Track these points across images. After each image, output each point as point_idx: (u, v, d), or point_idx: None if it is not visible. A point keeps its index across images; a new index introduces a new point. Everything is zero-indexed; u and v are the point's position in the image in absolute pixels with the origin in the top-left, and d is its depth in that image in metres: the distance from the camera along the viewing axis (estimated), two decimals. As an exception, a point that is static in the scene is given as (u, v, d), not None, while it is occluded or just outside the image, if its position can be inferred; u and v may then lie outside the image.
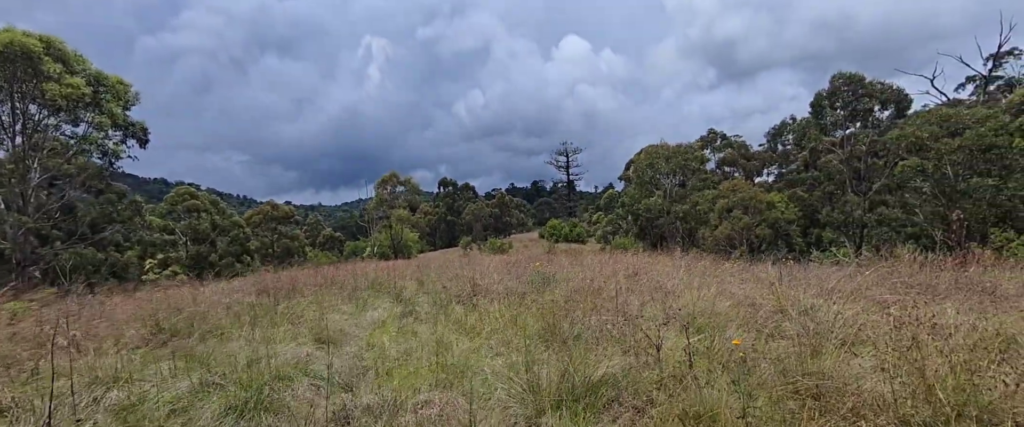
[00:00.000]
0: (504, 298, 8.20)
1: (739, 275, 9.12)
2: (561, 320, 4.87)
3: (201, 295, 7.66)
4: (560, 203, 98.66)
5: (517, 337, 4.93)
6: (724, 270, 9.49)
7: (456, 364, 4.07)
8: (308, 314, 7.10)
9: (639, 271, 8.34)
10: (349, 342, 5.34)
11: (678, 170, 30.15)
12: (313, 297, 8.74)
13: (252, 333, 5.27)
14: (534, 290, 8.93)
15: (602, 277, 8.77)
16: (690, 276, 8.67)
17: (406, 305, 8.49)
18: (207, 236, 39.88)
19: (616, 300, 5.34)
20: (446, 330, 6.20)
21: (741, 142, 42.35)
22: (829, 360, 3.26)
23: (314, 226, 79.27)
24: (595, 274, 9.36)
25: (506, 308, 6.85)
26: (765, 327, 4.57)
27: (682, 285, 7.38)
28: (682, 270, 8.89)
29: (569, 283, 9.19)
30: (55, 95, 13.78)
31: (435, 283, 10.65)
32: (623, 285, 7.57)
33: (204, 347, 4.69)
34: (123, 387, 3.51)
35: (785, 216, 35.82)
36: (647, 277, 8.48)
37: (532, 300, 7.44)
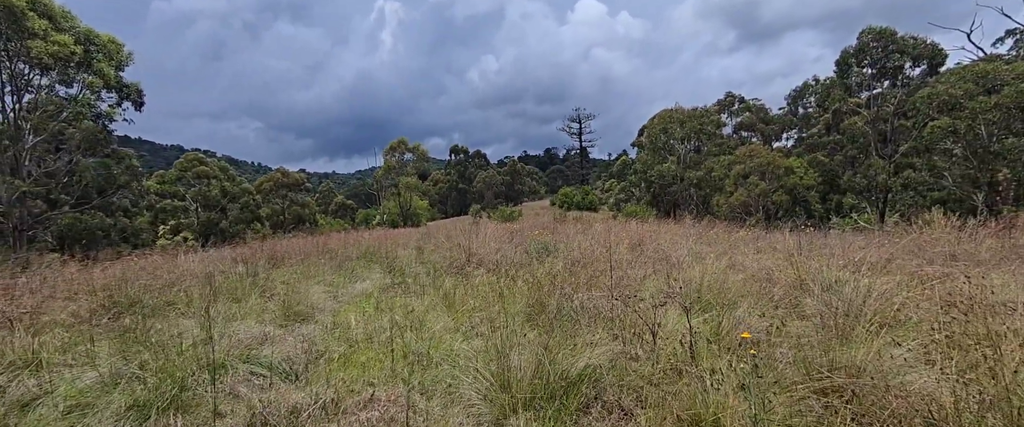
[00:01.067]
0: (498, 269, 7.69)
1: (754, 244, 8.47)
2: (549, 296, 4.32)
3: (182, 263, 7.26)
4: (573, 171, 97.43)
5: (501, 314, 4.41)
6: (737, 238, 8.83)
7: (425, 348, 3.56)
8: (288, 286, 6.67)
9: (644, 240, 7.73)
10: (320, 318, 4.87)
11: (693, 135, 29.00)
12: (300, 267, 8.32)
13: (214, 308, 4.81)
14: (532, 260, 8.40)
15: (605, 247, 8.19)
16: (700, 245, 8.04)
17: (396, 276, 8.03)
18: (218, 203, 39.96)
19: (612, 273, 4.76)
20: (430, 304, 5.72)
21: (760, 105, 40.68)
22: (861, 349, 2.66)
23: (326, 194, 79.45)
24: (599, 244, 8.78)
25: (497, 280, 6.34)
26: (782, 305, 3.97)
27: (690, 256, 6.77)
28: (691, 239, 8.26)
29: (570, 253, 8.64)
30: (41, 53, 13.25)
31: (433, 252, 10.19)
32: (625, 256, 6.98)
33: (154, 324, 4.24)
34: (39, 374, 3.07)
35: (804, 181, 34.62)
36: (653, 246, 7.88)
37: (526, 272, 6.91)
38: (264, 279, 6.86)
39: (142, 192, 23.98)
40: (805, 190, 35.03)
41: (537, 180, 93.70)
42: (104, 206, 28.24)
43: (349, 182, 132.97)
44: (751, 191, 35.54)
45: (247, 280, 6.45)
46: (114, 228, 27.81)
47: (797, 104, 39.69)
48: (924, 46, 21.04)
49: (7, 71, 14.14)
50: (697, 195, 36.97)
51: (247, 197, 41.43)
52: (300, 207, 47.71)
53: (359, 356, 3.42)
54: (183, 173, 39.14)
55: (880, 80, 22.37)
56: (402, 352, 3.44)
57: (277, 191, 47.39)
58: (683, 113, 28.92)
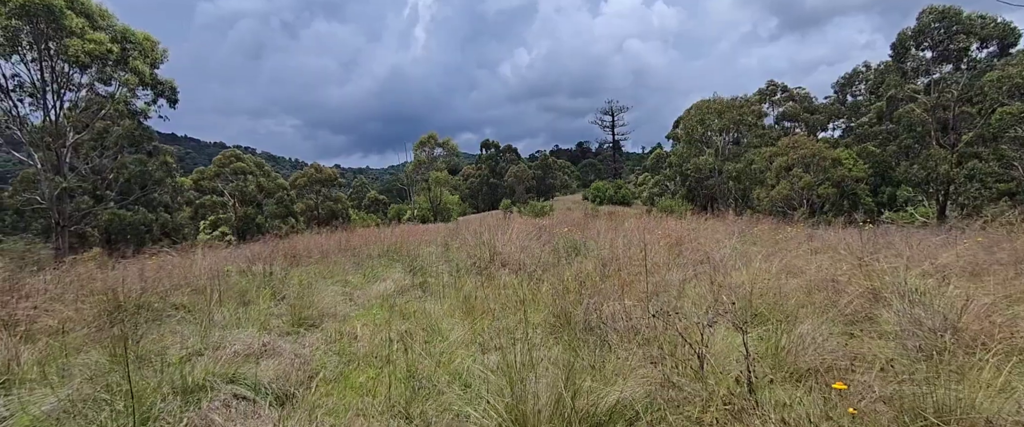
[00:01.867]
0: (523, 269, 7.21)
1: (805, 242, 7.70)
2: (575, 305, 3.82)
3: (200, 262, 7.09)
4: (605, 164, 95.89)
5: (523, 324, 3.94)
6: (786, 236, 8.07)
7: (433, 366, 3.12)
8: (303, 286, 6.38)
9: (683, 238, 7.09)
10: (328, 326, 4.52)
11: (732, 126, 27.69)
12: (320, 266, 8.06)
13: (220, 312, 4.53)
14: (560, 260, 7.89)
15: (639, 245, 7.59)
16: (744, 244, 7.35)
17: (417, 275, 7.67)
18: (254, 198, 40.94)
19: (648, 279, 4.21)
20: (449, 309, 5.30)
21: (804, 94, 38.66)
22: (980, 391, 2.06)
23: (360, 189, 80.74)
24: (632, 242, 8.18)
25: (521, 283, 5.87)
26: (854, 319, 3.35)
27: (734, 256, 6.12)
28: (734, 236, 7.56)
29: (601, 253, 8.08)
30: (77, 51, 13.57)
31: (459, 250, 9.81)
32: (662, 256, 6.38)
33: (151, 331, 3.97)
34: (9, 394, 2.79)
35: (853, 173, 32.69)
36: (692, 245, 7.24)
37: (553, 273, 6.41)
38: (281, 279, 6.60)
39: (176, 188, 24.54)
40: (854, 183, 33.06)
41: (569, 174, 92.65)
42: (146, 202, 29.25)
43: (382, 177, 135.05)
44: (794, 184, 33.81)
45: (263, 280, 6.19)
46: (155, 223, 28.77)
47: (845, 92, 37.51)
48: (994, 25, 19.26)
49: (49, 70, 14.55)
50: (735, 189, 35.45)
51: (282, 192, 42.31)
52: (333, 202, 48.45)
53: (357, 376, 3.02)
54: (221, 169, 40.23)
55: (941, 64, 20.65)
56: (406, 372, 3.01)
57: (311, 186, 48.26)
58: (721, 103, 27.64)
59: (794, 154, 35.17)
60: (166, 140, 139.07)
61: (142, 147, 30.08)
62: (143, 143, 30.35)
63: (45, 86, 14.59)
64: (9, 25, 12.81)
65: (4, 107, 14.33)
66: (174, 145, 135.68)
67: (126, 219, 22.04)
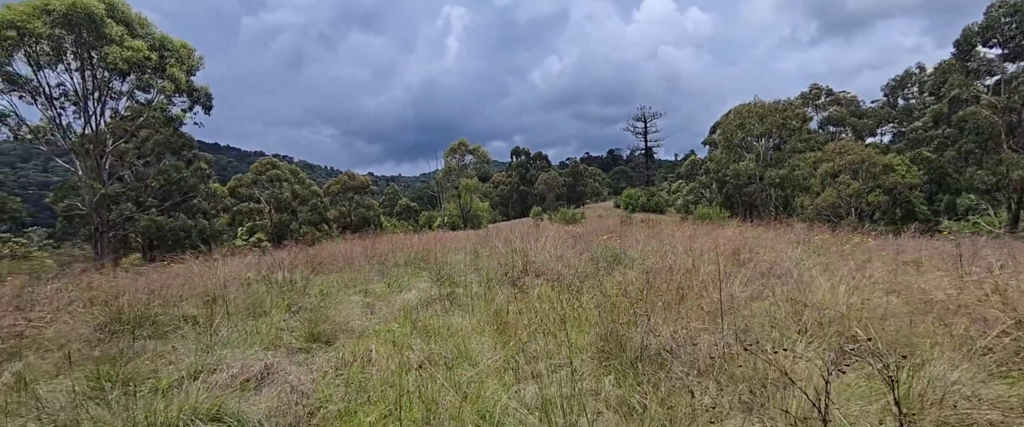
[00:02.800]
0: (559, 280, 6.60)
1: (880, 252, 6.82)
2: (628, 326, 3.19)
3: (221, 270, 6.76)
4: (637, 172, 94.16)
5: (564, 347, 3.34)
6: (855, 246, 7.18)
7: (457, 404, 2.55)
8: (323, 297, 5.95)
9: (740, 247, 6.34)
10: (344, 343, 4.02)
11: (774, 131, 26.34)
12: (344, 274, 7.65)
13: (226, 326, 4.09)
14: (599, 270, 7.24)
15: (689, 254, 6.87)
16: (808, 254, 6.52)
17: (445, 286, 7.15)
18: (289, 205, 41.62)
19: (708, 294, 3.55)
20: (478, 324, 4.74)
21: (851, 98, 36.76)
22: None
23: (392, 196, 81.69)
24: (678, 250, 7.46)
25: (559, 296, 5.26)
26: (1005, 357, 2.60)
27: (804, 268, 5.35)
28: (797, 246, 6.75)
29: (644, 262, 7.39)
30: (116, 58, 13.81)
31: (489, 258, 9.27)
32: (714, 266, 5.66)
33: (149, 348, 3.54)
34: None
35: (906, 180, 30.71)
36: (749, 255, 6.47)
37: (593, 284, 5.78)
38: (301, 287, 6.18)
39: (210, 193, 24.95)
40: (908, 190, 31.04)
41: (600, 182, 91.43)
42: (186, 209, 29.98)
43: (414, 185, 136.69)
44: (842, 191, 32.00)
45: (282, 289, 5.77)
46: (194, 229, 29.42)
47: (896, 95, 35.45)
48: (1071, 17, 17.60)
49: (91, 78, 14.89)
50: (776, 196, 33.79)
51: (315, 199, 42.89)
52: (365, 209, 48.88)
53: (366, 414, 2.47)
54: (258, 176, 41.09)
55: (1012, 61, 19.00)
56: (425, 407, 2.44)
57: (344, 193, 48.86)
58: (763, 107, 26.35)
59: (841, 160, 33.33)
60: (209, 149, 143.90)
61: (182, 154, 30.97)
62: (183, 150, 31.27)
63: (87, 94, 14.94)
64: (53, 34, 13.15)
65: (49, 115, 14.74)
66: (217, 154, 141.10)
67: (165, 225, 22.46)
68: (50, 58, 13.96)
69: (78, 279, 5.68)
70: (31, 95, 14.23)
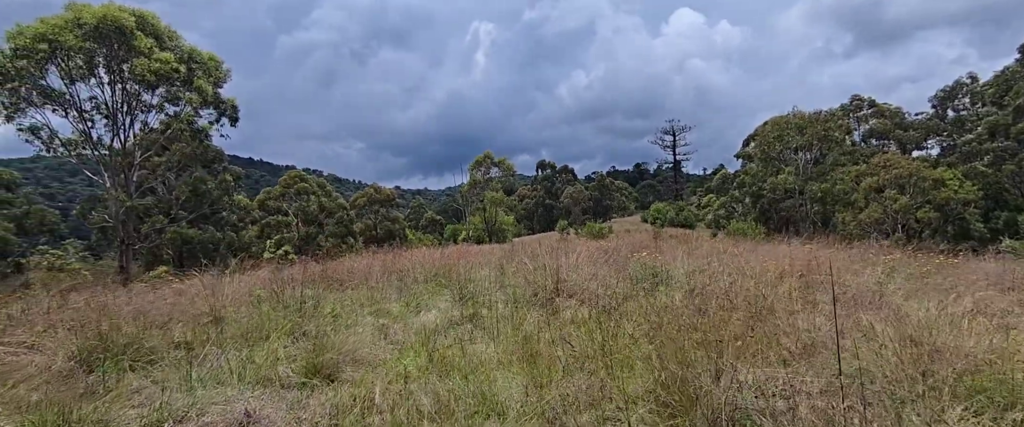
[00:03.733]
0: (595, 301, 5.91)
1: (963, 274, 5.90)
2: (695, 368, 2.50)
3: (227, 287, 6.31)
4: (665, 186, 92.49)
5: (610, 391, 2.68)
6: (939, 267, 6.27)
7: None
8: (335, 318, 5.41)
9: (807, 267, 5.54)
10: (349, 377, 3.44)
11: (815, 143, 25.05)
12: (361, 291, 7.13)
13: (214, 356, 3.56)
14: (638, 290, 6.51)
15: (743, 274, 6.09)
16: (890, 277, 5.66)
17: (467, 305, 6.54)
18: (315, 218, 41.90)
19: (783, 325, 2.83)
20: (504, 354, 4.10)
21: (895, 109, 35.02)
22: None
23: (417, 209, 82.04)
24: (729, 269, 6.68)
25: (598, 321, 4.58)
26: None
27: (888, 292, 4.53)
28: (873, 267, 5.89)
29: (690, 282, 6.63)
30: (143, 70, 13.86)
31: (515, 274, 8.63)
32: (780, 289, 4.88)
33: (121, 383, 3.03)
34: None
35: (960, 196, 28.83)
36: (812, 276, 5.65)
37: (633, 306, 5.09)
38: (311, 308, 5.65)
39: (234, 206, 25.07)
40: (961, 206, 29.10)
41: (626, 196, 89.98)
42: (215, 221, 30.35)
43: (440, 198, 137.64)
44: (888, 207, 30.23)
45: (289, 309, 5.26)
46: (223, 242, 29.71)
47: (945, 106, 33.60)
48: None
49: (122, 91, 15.03)
50: (812, 211, 32.12)
51: (342, 212, 43.10)
52: (391, 222, 48.93)
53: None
54: (286, 189, 41.56)
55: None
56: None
57: (370, 206, 49.05)
58: (803, 118, 25.12)
59: (886, 174, 31.56)
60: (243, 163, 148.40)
61: (213, 167, 31.47)
62: (214, 163, 31.80)
63: (118, 107, 15.10)
64: (84, 48, 13.30)
65: (80, 128, 14.91)
66: (250, 168, 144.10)
67: (194, 238, 22.62)
68: (83, 72, 14.16)
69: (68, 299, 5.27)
70: (63, 109, 14.43)
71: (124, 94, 14.96)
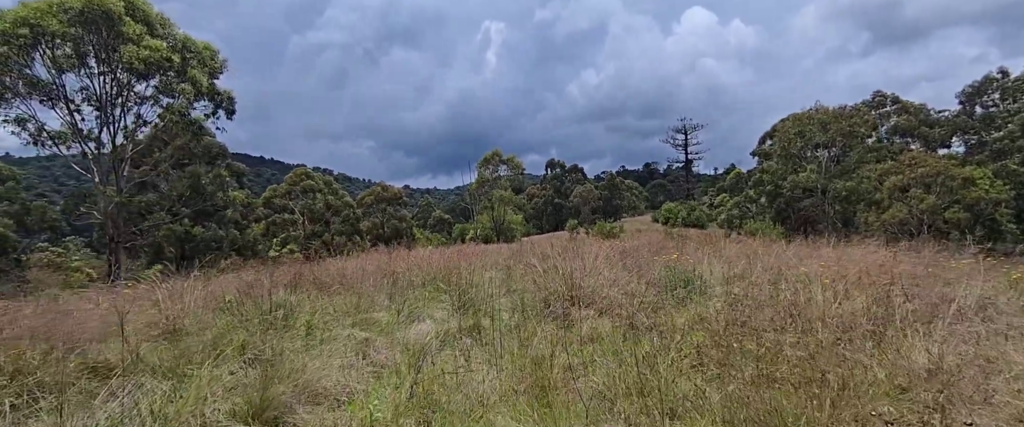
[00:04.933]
0: (619, 311, 5.03)
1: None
2: None
3: (191, 294, 5.50)
4: (676, 185, 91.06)
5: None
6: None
7: None
8: (310, 331, 4.59)
9: (865, 272, 4.60)
10: (300, 421, 2.59)
11: (838, 139, 23.87)
12: (347, 297, 6.30)
13: (130, 390, 2.73)
14: (665, 298, 5.61)
15: (778, 278, 5.17)
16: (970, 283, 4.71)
17: (467, 314, 5.68)
18: (322, 216, 41.31)
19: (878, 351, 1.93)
20: (509, 382, 3.24)
21: (919, 106, 33.62)
22: None
23: (426, 209, 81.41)
24: (760, 272, 5.75)
25: (625, 338, 3.71)
26: None
27: (999, 310, 3.60)
28: (977, 276, 4.94)
29: (726, 290, 5.72)
30: (132, 58, 13.11)
31: (523, 277, 7.77)
32: (869, 306, 3.96)
33: None
34: None
35: (991, 195, 27.48)
36: (879, 284, 4.73)
37: (664, 319, 4.20)
38: (284, 318, 4.83)
39: (230, 201, 24.41)
40: (992, 206, 27.74)
41: (636, 195, 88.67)
42: (218, 219, 29.78)
43: (448, 198, 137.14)
44: (914, 206, 28.92)
45: (252, 321, 4.44)
46: (225, 239, 29.13)
47: (974, 103, 32.19)
48: None
49: (114, 81, 14.33)
50: (832, 210, 30.81)
51: (348, 210, 42.49)
52: (398, 221, 48.22)
53: None
54: (292, 187, 41.04)
55: None
56: None
57: (377, 205, 48.36)
58: (826, 113, 23.94)
59: (911, 172, 30.25)
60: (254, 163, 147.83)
61: (217, 164, 30.93)
62: (217, 160, 31.26)
63: (110, 99, 14.40)
64: (69, 33, 12.59)
65: (68, 120, 14.22)
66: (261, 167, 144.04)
67: (197, 235, 21.99)
68: (72, 61, 13.49)
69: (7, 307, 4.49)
70: (50, 100, 13.76)
71: (116, 84, 14.26)
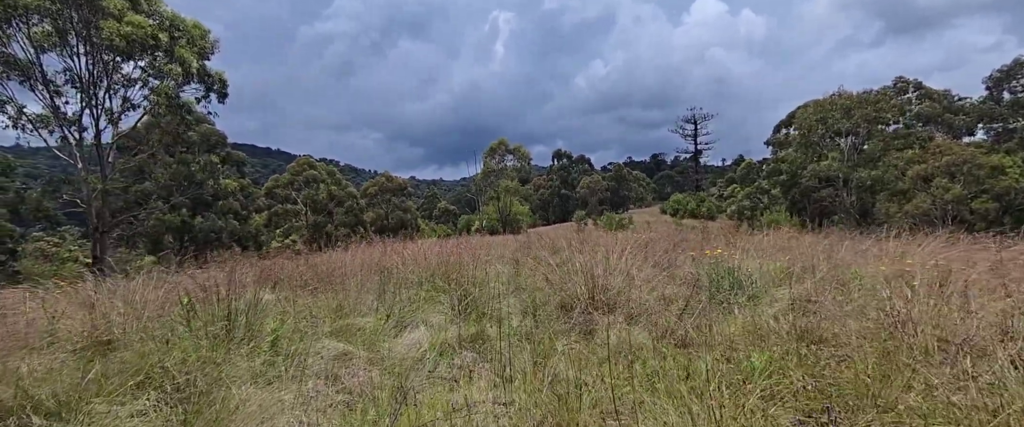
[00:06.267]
0: (652, 317, 4.14)
1: None
2: None
3: (143, 291, 4.64)
4: (684, 176, 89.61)
5: None
6: None
7: None
8: (278, 344, 3.72)
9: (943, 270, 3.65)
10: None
11: (862, 125, 22.65)
12: (331, 297, 5.43)
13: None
14: (708, 300, 4.68)
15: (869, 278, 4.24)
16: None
17: (469, 319, 4.79)
18: (325, 206, 40.52)
19: None
20: (521, 416, 2.35)
21: (943, 92, 32.20)
22: None
23: (431, 199, 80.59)
24: (834, 273, 4.82)
25: (674, 360, 2.81)
26: None
27: None
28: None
29: (777, 290, 4.79)
30: (112, 34, 12.15)
31: (533, 272, 6.86)
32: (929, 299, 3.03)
33: None
34: None
35: (1022, 184, 26.23)
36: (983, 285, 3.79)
37: (718, 337, 3.30)
38: (247, 324, 3.95)
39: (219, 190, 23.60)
40: (1022, 195, 26.47)
41: (644, 186, 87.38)
42: (217, 209, 29.06)
43: (454, 188, 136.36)
44: (938, 196, 27.70)
45: (200, 334, 3.57)
46: (225, 230, 28.43)
47: (1001, 88, 30.76)
48: None
49: (99, 61, 13.43)
50: (848, 200, 29.60)
51: (351, 201, 41.69)
52: (402, 212, 47.38)
53: None
54: (294, 177, 40.25)
55: None
56: None
57: (381, 195, 47.50)
58: (850, 99, 22.70)
59: (935, 161, 29.00)
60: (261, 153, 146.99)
61: (215, 152, 30.16)
62: (216, 148, 30.49)
63: (96, 80, 13.52)
64: (43, 7, 11.63)
65: (48, 103, 13.35)
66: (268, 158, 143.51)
67: (195, 225, 21.22)
68: (52, 39, 12.59)
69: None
70: (29, 80, 12.89)
71: (102, 65, 13.37)
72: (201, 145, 28.20)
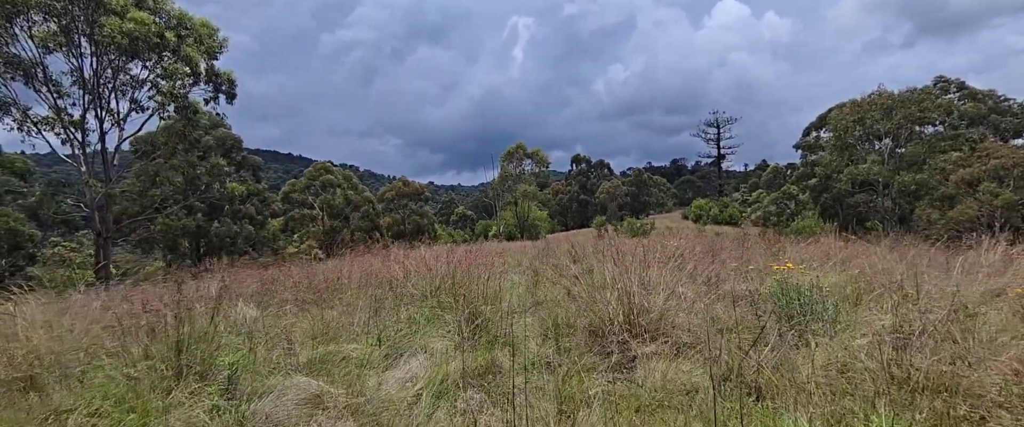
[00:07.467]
0: (703, 345, 3.26)
1: None
2: None
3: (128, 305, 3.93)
4: (707, 182, 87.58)
5: None
6: None
7: None
8: (233, 382, 2.96)
9: None
10: None
11: (905, 126, 21.24)
12: (314, 313, 4.65)
13: None
14: (773, 324, 3.77)
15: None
16: None
17: (479, 346, 3.96)
18: (341, 211, 40.21)
19: None
20: None
21: (989, 92, 30.39)
22: None
23: (448, 205, 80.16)
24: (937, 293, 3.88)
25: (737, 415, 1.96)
26: None
27: None
28: None
29: (866, 314, 3.86)
30: (114, 31, 11.70)
31: (554, 286, 5.98)
32: None
33: None
34: None
35: (1081, 191, 24.36)
36: None
37: (806, 382, 2.40)
38: (201, 361, 3.18)
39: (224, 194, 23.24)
40: (1082, 203, 24.57)
41: (664, 192, 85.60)
42: (232, 214, 28.87)
43: (472, 194, 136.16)
44: (986, 202, 25.94)
45: (139, 372, 2.82)
46: (240, 235, 28.18)
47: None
48: None
49: (106, 61, 13.06)
50: (883, 207, 27.96)
51: (368, 206, 41.32)
52: (419, 217, 46.88)
53: None
54: (311, 182, 40.08)
55: None
56: None
57: (398, 200, 47.09)
58: (891, 98, 21.30)
59: (982, 165, 27.24)
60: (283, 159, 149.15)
61: (231, 155, 30.05)
62: (232, 152, 30.37)
63: (100, 80, 13.18)
64: (44, 4, 11.26)
65: (51, 103, 13.02)
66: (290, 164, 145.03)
67: (210, 229, 20.91)
68: (58, 38, 12.26)
69: None
70: (31, 80, 12.55)
71: (109, 65, 13.00)
72: (216, 149, 28.11)
